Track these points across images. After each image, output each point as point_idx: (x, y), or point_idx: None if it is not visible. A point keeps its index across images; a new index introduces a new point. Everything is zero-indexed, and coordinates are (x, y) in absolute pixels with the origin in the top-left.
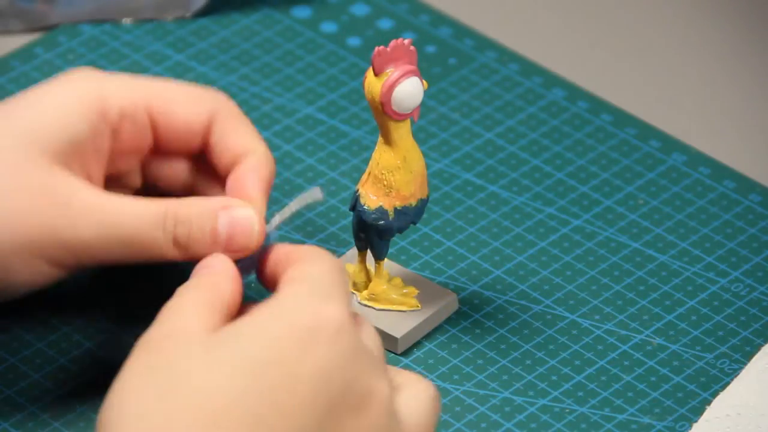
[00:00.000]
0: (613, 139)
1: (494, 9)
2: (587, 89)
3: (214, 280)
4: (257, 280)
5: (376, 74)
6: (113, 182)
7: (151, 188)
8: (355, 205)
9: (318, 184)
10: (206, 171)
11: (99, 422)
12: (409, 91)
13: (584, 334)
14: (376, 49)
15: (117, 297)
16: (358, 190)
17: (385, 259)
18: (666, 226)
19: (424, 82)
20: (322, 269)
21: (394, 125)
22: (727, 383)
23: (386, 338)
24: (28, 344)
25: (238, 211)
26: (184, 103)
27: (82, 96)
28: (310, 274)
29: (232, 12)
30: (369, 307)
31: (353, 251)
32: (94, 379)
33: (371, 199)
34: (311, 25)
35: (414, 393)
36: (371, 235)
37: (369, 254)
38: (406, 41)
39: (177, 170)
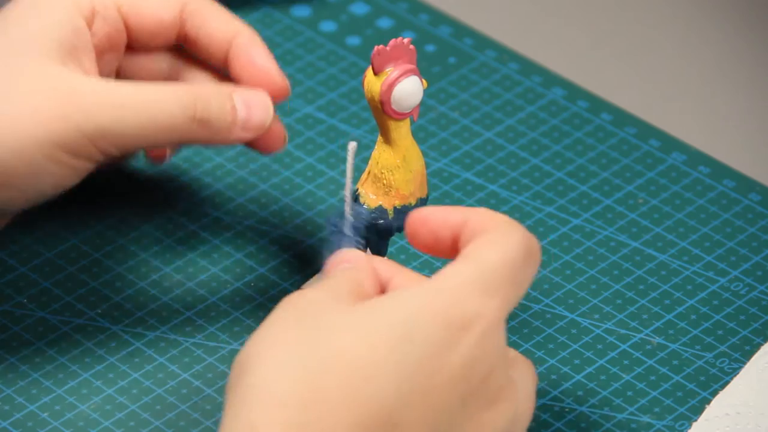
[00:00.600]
0: (612, 139)
1: (494, 8)
2: (587, 88)
3: (354, 275)
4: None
5: (375, 73)
6: None
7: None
8: None
9: (347, 140)
10: (186, 60)
11: (237, 363)
12: (409, 90)
13: (584, 333)
14: (376, 48)
15: (116, 297)
16: (357, 189)
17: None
18: (665, 225)
19: (424, 81)
20: (503, 255)
21: (393, 124)
22: (727, 382)
23: None
24: (27, 343)
25: (249, 92)
26: None
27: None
28: (486, 258)
29: (232, 11)
30: None
31: None
32: (94, 378)
33: (371, 198)
34: (311, 25)
35: (524, 380)
36: (371, 234)
37: (368, 253)
38: (406, 40)
39: (156, 63)
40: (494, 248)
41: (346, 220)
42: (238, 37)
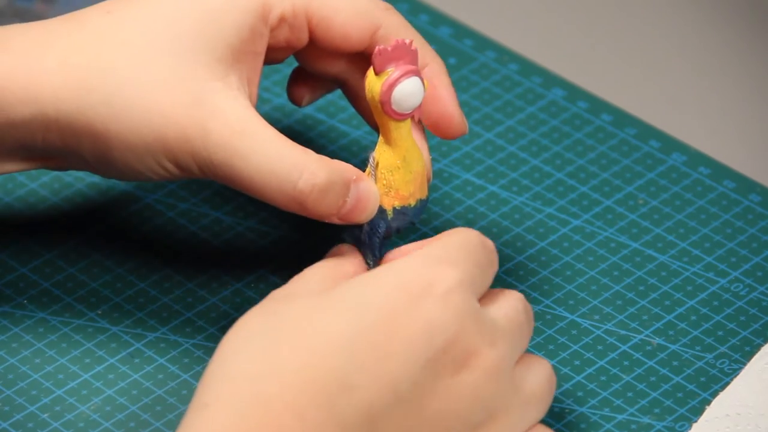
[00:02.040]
0: (612, 139)
1: (494, 9)
2: (587, 89)
3: (339, 261)
4: None
5: (376, 73)
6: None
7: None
8: None
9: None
10: (364, 68)
11: (215, 354)
12: (409, 90)
13: (584, 334)
14: (377, 48)
15: (116, 298)
16: None
17: None
18: (666, 226)
19: (425, 81)
20: (453, 238)
21: (394, 125)
22: (727, 383)
23: None
24: (27, 344)
25: (368, 187)
26: (345, 15)
27: (246, 2)
28: (444, 238)
29: None
30: None
31: None
32: (94, 379)
33: None
34: None
35: (532, 368)
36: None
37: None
38: (408, 41)
39: (332, 64)
40: (451, 234)
41: (363, 230)
42: (427, 66)
